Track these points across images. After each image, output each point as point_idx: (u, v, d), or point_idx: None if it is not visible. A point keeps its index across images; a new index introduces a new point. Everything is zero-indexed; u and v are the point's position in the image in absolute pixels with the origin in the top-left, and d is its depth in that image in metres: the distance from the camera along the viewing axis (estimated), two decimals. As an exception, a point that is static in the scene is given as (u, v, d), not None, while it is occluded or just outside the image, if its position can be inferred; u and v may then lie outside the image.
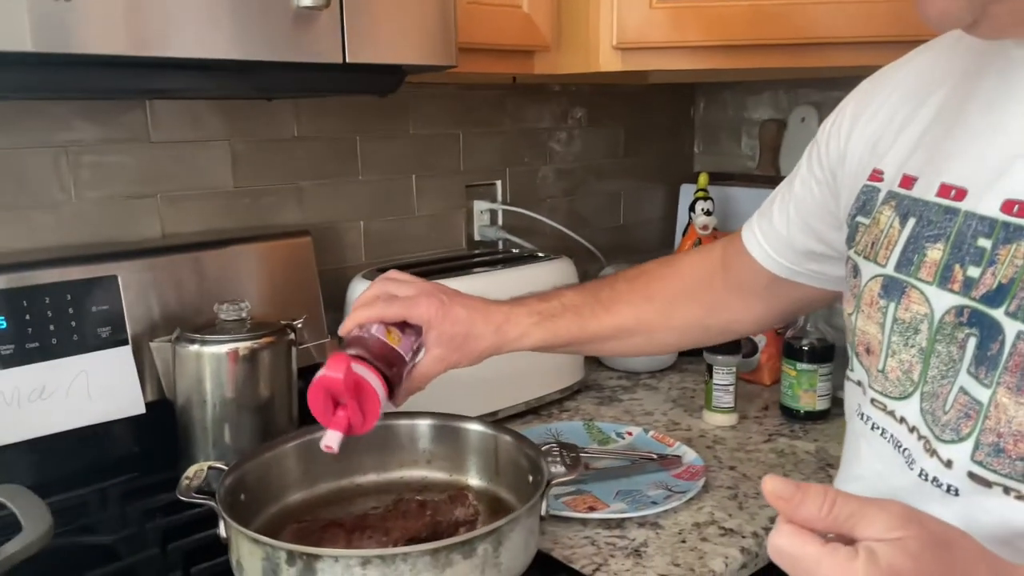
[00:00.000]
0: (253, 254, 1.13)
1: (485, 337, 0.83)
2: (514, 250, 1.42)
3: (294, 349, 1.02)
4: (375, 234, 1.35)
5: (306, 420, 0.87)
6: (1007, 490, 0.56)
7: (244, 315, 1.00)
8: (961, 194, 0.61)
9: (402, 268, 0.92)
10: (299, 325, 1.05)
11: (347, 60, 0.82)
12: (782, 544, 0.47)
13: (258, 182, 1.21)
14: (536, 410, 1.25)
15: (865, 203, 0.70)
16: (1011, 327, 0.55)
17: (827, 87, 1.58)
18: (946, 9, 0.56)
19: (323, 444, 0.69)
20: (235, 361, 0.96)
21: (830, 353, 1.21)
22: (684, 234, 1.62)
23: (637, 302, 0.91)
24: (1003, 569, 0.47)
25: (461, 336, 0.81)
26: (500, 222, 1.51)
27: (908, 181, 0.66)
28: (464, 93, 1.43)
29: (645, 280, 0.93)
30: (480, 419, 0.93)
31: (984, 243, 0.58)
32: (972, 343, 0.58)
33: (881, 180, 0.69)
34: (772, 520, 0.77)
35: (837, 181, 0.76)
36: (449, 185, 1.45)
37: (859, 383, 0.70)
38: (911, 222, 0.64)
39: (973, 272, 0.58)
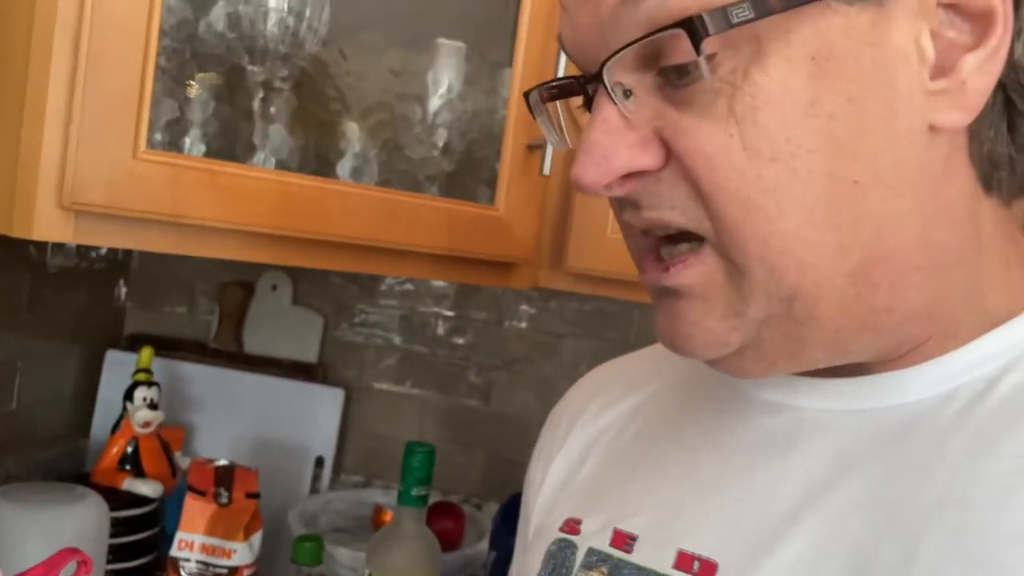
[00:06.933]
0: None
1: None
2: None
3: None
4: None
5: None
6: None
7: None
8: (710, 569, 0.46)
9: None
10: None
11: None
12: None
13: None
14: None
15: (556, 567, 0.51)
16: None
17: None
18: (707, 331, 0.43)
19: None
20: None
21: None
22: (115, 430, 1.17)
23: None
24: None
25: None
26: None
27: (622, 539, 0.50)
28: None
29: None
30: None
31: None
32: None
33: (578, 533, 0.52)
34: None
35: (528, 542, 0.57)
36: None
37: None
38: None
39: None
